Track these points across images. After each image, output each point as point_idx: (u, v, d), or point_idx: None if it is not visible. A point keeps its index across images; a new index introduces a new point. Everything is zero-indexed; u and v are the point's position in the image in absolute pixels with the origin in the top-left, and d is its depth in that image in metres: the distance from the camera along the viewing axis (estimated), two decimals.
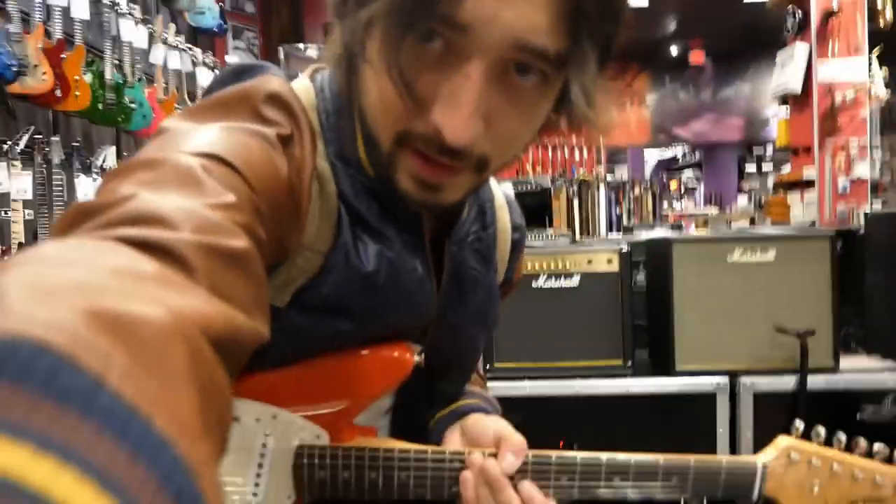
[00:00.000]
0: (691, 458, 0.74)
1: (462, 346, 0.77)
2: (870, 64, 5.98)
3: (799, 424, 0.77)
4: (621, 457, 0.74)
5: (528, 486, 0.69)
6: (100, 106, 2.66)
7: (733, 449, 1.64)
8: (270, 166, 0.51)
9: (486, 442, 0.71)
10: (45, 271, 0.26)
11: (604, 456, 0.74)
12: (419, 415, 0.79)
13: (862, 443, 0.76)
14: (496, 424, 0.73)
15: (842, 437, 0.76)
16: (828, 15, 5.90)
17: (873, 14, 5.96)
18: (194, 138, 0.48)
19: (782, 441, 0.76)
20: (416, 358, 0.69)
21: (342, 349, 0.67)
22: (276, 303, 0.60)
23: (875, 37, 6.00)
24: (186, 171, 0.43)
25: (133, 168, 0.43)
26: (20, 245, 2.27)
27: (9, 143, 2.26)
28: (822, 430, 0.76)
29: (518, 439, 0.70)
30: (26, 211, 2.30)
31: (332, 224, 0.60)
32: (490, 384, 1.70)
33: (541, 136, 0.62)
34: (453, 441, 0.74)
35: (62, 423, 0.20)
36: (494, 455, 0.69)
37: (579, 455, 0.74)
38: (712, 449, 1.64)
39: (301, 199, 0.56)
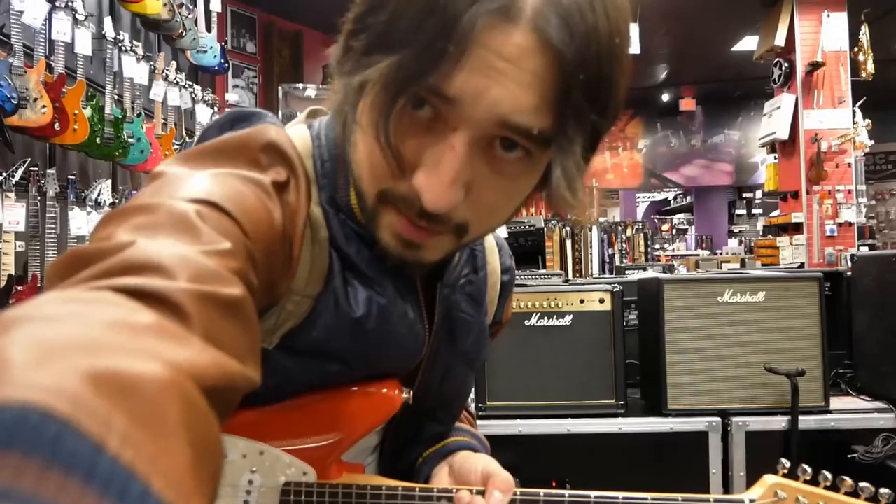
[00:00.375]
0: (679, 497, 0.74)
1: (451, 387, 0.76)
2: (854, 114, 6.15)
3: (785, 463, 0.77)
4: (610, 494, 0.74)
5: None
6: (98, 140, 2.69)
7: (726, 488, 1.62)
8: (264, 212, 0.51)
9: (474, 479, 0.70)
10: (45, 331, 0.27)
11: (592, 494, 0.73)
12: (407, 454, 0.78)
13: (848, 481, 0.75)
14: (484, 461, 0.72)
15: (827, 475, 0.76)
16: (812, 67, 6.09)
17: (856, 66, 6.16)
18: (190, 184, 0.48)
19: (768, 479, 0.76)
20: (405, 396, 0.69)
21: (331, 387, 0.67)
22: (264, 345, 0.60)
23: (858, 88, 6.19)
24: (182, 217, 0.43)
25: (129, 213, 0.43)
26: (9, 277, 2.26)
27: (4, 174, 2.28)
28: (807, 468, 0.75)
29: (506, 476, 0.69)
30: (17, 243, 2.30)
31: (324, 269, 0.61)
32: (482, 423, 1.69)
33: (525, 208, 0.61)
34: (441, 478, 0.73)
35: (68, 490, 0.21)
36: (482, 493, 0.68)
37: (567, 493, 0.74)
38: (705, 488, 1.62)
39: (294, 245, 0.56)
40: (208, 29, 3.86)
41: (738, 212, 13.09)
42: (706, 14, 7.19)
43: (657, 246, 11.96)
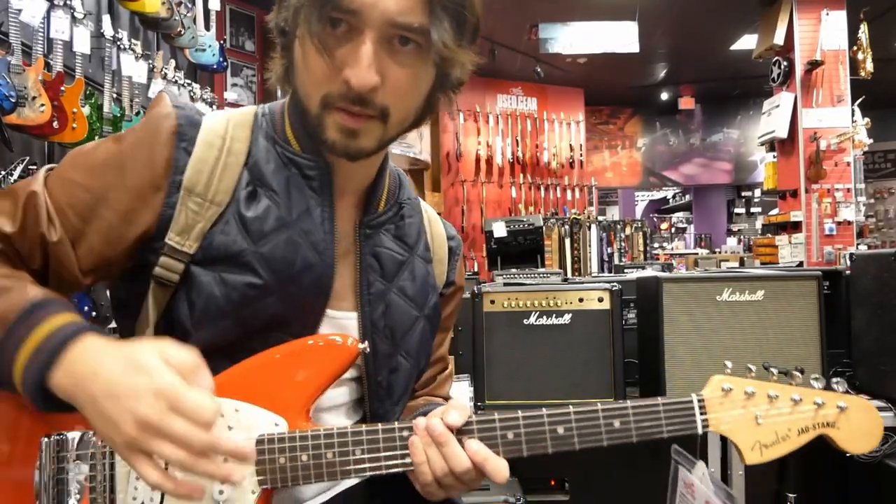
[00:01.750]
0: (628, 402, 0.76)
1: (398, 321, 0.86)
2: (853, 112, 6.15)
3: (728, 363, 0.79)
4: (562, 411, 0.76)
5: (474, 442, 0.72)
6: (96, 138, 2.69)
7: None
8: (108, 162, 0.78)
9: (435, 415, 0.75)
10: None
11: (545, 409, 0.76)
12: (378, 416, 0.86)
13: (798, 375, 0.78)
14: (451, 403, 0.78)
15: (774, 370, 0.79)
16: (812, 66, 6.09)
17: (855, 65, 6.16)
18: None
19: (714, 378, 0.79)
20: (361, 346, 0.78)
21: (272, 322, 0.77)
22: (185, 248, 0.76)
23: (857, 86, 6.19)
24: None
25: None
26: None
27: (3, 172, 2.27)
28: (752, 367, 0.79)
29: (462, 403, 0.76)
30: None
31: (231, 184, 0.78)
32: None
33: (434, 105, 0.81)
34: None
35: None
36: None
37: (521, 412, 0.76)
38: None
39: (155, 172, 0.76)
40: (207, 27, 3.85)
41: (736, 210, 13.10)
42: (705, 13, 7.19)
43: (656, 245, 11.97)
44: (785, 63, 6.26)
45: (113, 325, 2.66)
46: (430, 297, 0.92)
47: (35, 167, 2.42)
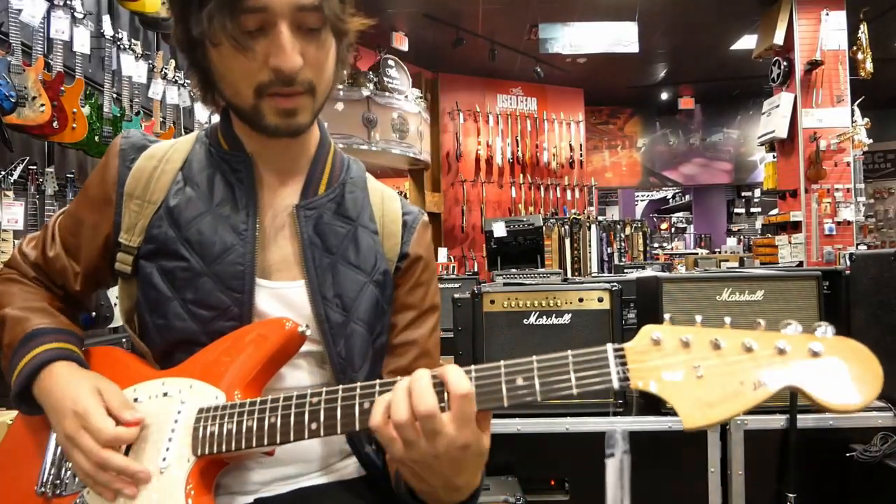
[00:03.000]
0: (534, 357, 0.66)
1: (346, 287, 0.91)
2: (852, 112, 6.15)
3: (667, 316, 0.66)
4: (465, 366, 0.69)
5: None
6: (96, 138, 2.69)
7: (725, 487, 1.62)
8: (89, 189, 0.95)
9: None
10: None
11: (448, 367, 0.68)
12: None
13: (760, 323, 0.61)
14: None
15: (727, 319, 0.63)
16: (811, 66, 6.09)
17: (855, 65, 6.17)
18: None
19: (644, 328, 0.64)
20: (301, 328, 0.84)
21: (210, 300, 0.85)
22: (131, 243, 0.89)
23: (857, 86, 6.19)
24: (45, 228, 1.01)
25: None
26: None
27: (3, 172, 2.27)
28: (728, 319, 0.63)
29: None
30: (16, 241, 2.30)
31: (167, 185, 0.90)
32: None
33: (343, 71, 0.90)
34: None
35: None
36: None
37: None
38: (704, 487, 1.62)
39: (106, 189, 0.92)
40: None
41: (736, 210, 13.11)
42: (705, 13, 7.19)
43: (656, 244, 11.98)
44: (785, 63, 6.26)
45: (112, 325, 2.66)
46: (378, 264, 0.95)
47: (35, 167, 2.42)
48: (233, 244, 0.87)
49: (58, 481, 0.84)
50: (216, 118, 0.99)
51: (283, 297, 0.89)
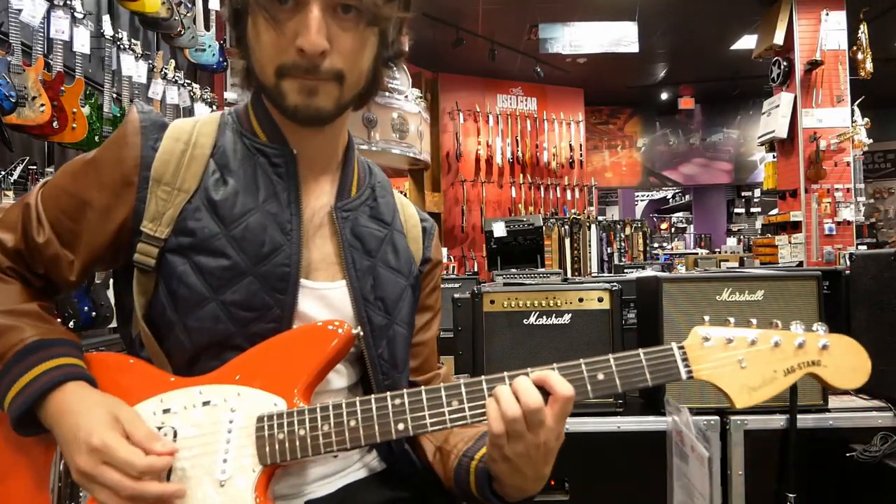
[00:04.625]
0: (610, 356, 0.79)
1: (388, 291, 0.91)
2: (852, 112, 6.15)
3: (706, 317, 0.83)
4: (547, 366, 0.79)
5: (531, 372, 0.77)
6: (96, 138, 2.69)
7: (725, 487, 1.62)
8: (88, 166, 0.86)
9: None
10: None
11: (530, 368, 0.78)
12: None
13: (777, 323, 0.79)
14: None
15: (753, 321, 0.80)
16: (811, 66, 6.09)
17: (855, 65, 6.17)
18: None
19: (694, 329, 0.80)
20: (355, 331, 0.83)
21: (251, 301, 0.81)
22: (157, 234, 0.82)
23: (857, 86, 6.19)
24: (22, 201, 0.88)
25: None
26: None
27: (3, 172, 2.27)
28: (731, 318, 0.81)
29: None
30: None
31: (198, 173, 0.84)
32: None
33: (381, 71, 0.89)
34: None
35: None
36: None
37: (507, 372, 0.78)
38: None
39: (125, 169, 0.83)
40: (207, 27, 3.85)
41: (736, 210, 13.11)
42: (705, 13, 7.19)
43: (656, 244, 11.98)
44: (785, 63, 6.26)
45: (112, 325, 2.66)
46: (412, 267, 0.97)
47: (35, 167, 2.42)
48: (280, 244, 0.83)
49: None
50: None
51: (325, 298, 0.87)
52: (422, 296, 1.01)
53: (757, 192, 12.02)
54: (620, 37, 7.08)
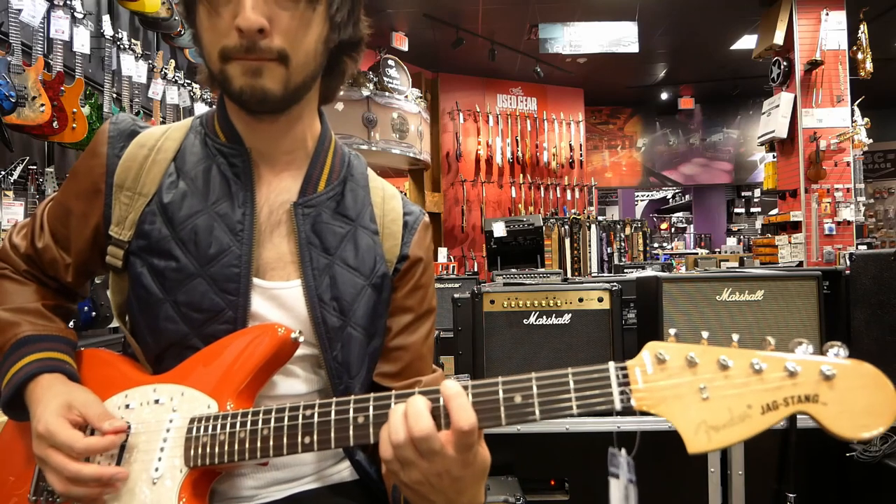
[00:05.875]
0: (533, 374, 0.65)
1: (343, 291, 0.88)
2: (852, 112, 6.15)
3: (672, 331, 0.64)
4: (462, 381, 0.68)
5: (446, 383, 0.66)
6: None
7: (725, 487, 1.62)
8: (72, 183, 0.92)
9: None
10: None
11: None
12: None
13: (769, 341, 0.59)
14: None
15: (734, 336, 0.61)
16: (811, 66, 6.09)
17: (855, 65, 6.17)
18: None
19: (647, 345, 0.62)
20: (293, 335, 0.81)
21: (204, 303, 0.82)
22: (121, 237, 0.86)
23: (857, 86, 6.19)
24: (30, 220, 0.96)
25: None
26: None
27: (3, 172, 2.27)
28: (705, 333, 0.63)
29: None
30: None
31: (158, 176, 0.87)
32: None
33: (338, 53, 0.88)
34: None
35: None
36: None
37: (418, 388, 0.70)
38: (704, 486, 1.62)
39: (94, 178, 0.88)
40: None
41: (736, 210, 13.11)
42: (705, 13, 7.19)
43: (656, 244, 11.98)
44: (785, 63, 6.26)
45: (112, 325, 2.66)
46: (378, 266, 0.92)
47: (35, 167, 2.42)
48: (229, 245, 0.84)
49: (50, 488, 0.81)
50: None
51: (279, 299, 0.86)
52: (398, 295, 0.96)
53: (757, 192, 12.02)
54: (620, 37, 7.08)
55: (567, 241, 7.23)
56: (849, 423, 0.55)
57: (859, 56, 6.10)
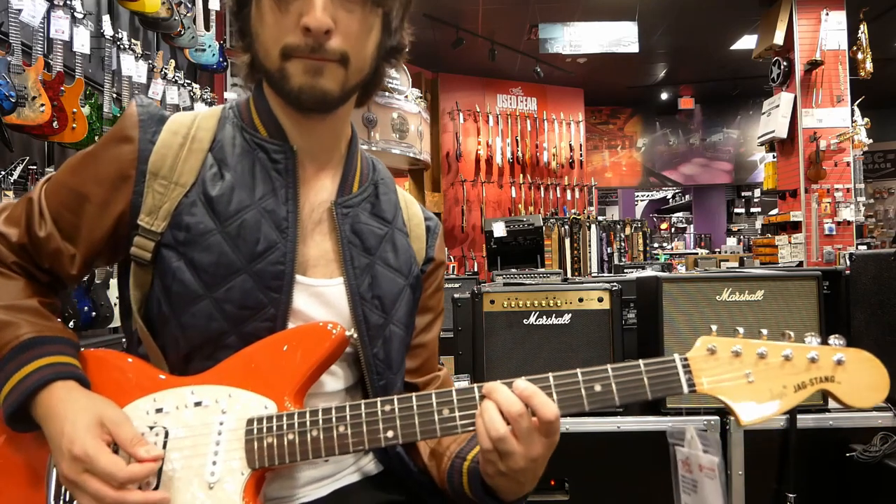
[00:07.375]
0: (608, 366, 0.75)
1: (386, 290, 0.90)
2: (852, 112, 6.15)
3: (714, 326, 0.78)
4: (541, 374, 0.76)
5: (520, 381, 0.73)
6: (96, 138, 2.69)
7: (726, 487, 1.62)
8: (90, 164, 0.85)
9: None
10: None
11: (551, 375, 0.75)
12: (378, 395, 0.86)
13: (790, 334, 0.75)
14: None
15: (764, 331, 0.76)
16: (811, 66, 6.09)
17: (855, 65, 6.17)
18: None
19: (700, 339, 0.76)
20: (348, 333, 0.81)
21: (245, 300, 0.79)
22: (154, 227, 0.81)
23: (857, 86, 6.19)
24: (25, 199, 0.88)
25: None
26: None
27: (3, 172, 2.27)
28: (741, 329, 0.76)
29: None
30: None
31: (196, 167, 0.83)
32: None
33: (386, 59, 0.89)
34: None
35: None
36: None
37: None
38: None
39: (122, 163, 0.83)
40: (207, 27, 3.86)
41: (736, 210, 13.11)
42: (705, 13, 7.19)
43: (656, 244, 11.98)
44: (785, 63, 6.26)
45: (112, 325, 2.66)
46: (413, 267, 0.95)
47: (35, 167, 2.42)
48: (276, 242, 0.82)
49: None
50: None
51: (321, 296, 0.86)
52: (423, 296, 1.00)
53: (757, 192, 12.02)
54: (620, 37, 7.08)
55: (567, 242, 7.23)
56: (857, 397, 0.72)
57: (859, 56, 6.10)
